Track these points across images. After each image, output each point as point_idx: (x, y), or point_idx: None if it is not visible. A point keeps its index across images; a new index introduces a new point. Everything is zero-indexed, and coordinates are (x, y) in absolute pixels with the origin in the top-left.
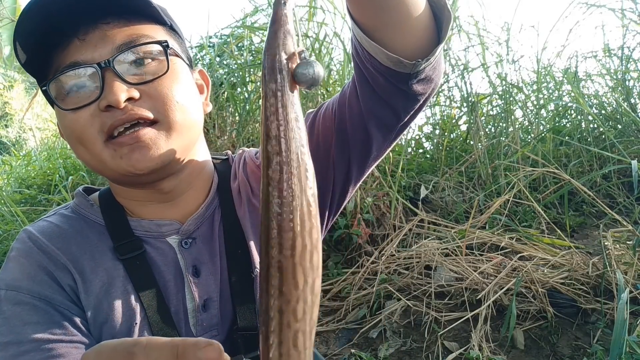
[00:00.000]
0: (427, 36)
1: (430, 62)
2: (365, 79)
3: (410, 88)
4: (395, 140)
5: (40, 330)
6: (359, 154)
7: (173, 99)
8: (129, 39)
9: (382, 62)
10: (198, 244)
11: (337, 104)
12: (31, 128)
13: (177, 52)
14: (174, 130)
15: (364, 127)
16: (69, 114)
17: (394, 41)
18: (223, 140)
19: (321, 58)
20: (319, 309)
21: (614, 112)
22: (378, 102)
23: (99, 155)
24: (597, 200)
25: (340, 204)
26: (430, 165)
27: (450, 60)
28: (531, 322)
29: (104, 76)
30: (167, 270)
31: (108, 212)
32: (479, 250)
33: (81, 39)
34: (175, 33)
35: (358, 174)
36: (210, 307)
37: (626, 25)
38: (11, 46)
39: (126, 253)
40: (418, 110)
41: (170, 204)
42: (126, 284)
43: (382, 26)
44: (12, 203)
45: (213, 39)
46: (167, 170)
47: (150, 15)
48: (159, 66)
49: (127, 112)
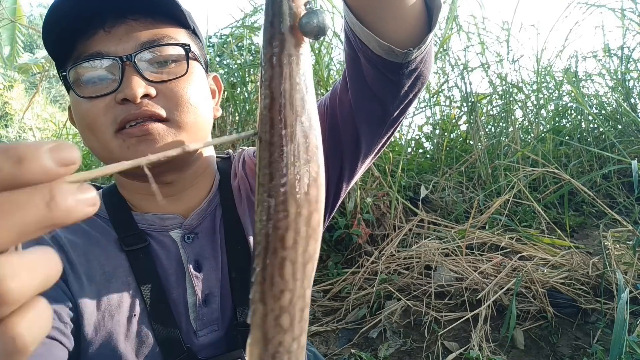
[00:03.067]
0: (418, 23)
1: (421, 51)
2: (357, 70)
3: (400, 79)
4: (386, 137)
5: None
6: (350, 151)
7: (187, 100)
8: (153, 37)
9: (374, 51)
10: (200, 239)
11: (329, 100)
12: (31, 128)
13: (196, 56)
14: (184, 130)
15: (354, 122)
16: (84, 101)
17: (386, 26)
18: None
19: (321, 58)
20: (319, 309)
21: (614, 112)
22: (367, 94)
23: (108, 144)
24: (597, 200)
25: (335, 203)
26: (430, 165)
27: (450, 60)
28: (531, 322)
29: (124, 70)
30: (169, 264)
31: (112, 206)
32: (479, 250)
33: (107, 31)
34: (197, 37)
35: (350, 172)
36: (211, 302)
37: (626, 25)
38: (11, 46)
39: (130, 245)
40: (407, 105)
41: (173, 198)
42: (128, 275)
43: (375, 9)
44: None
45: (213, 39)
46: (171, 166)
47: (176, 18)
48: (179, 68)
49: (142, 107)
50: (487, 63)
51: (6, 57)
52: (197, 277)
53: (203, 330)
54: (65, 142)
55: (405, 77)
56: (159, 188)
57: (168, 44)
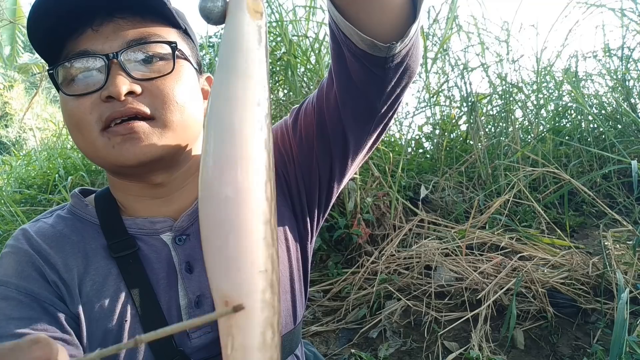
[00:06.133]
0: (402, 14)
1: (405, 45)
2: (341, 65)
3: (386, 73)
4: (375, 134)
5: (22, 326)
6: (339, 149)
7: (173, 99)
8: (140, 35)
9: (358, 45)
10: (192, 240)
11: (316, 98)
12: (31, 128)
13: (185, 55)
14: (169, 128)
15: (340, 118)
16: (71, 100)
17: (368, 19)
18: None
19: (321, 58)
20: (319, 309)
21: (614, 112)
22: (353, 90)
23: (93, 143)
24: (597, 200)
25: (329, 200)
26: (430, 165)
27: (450, 60)
28: (531, 322)
29: (110, 68)
30: (160, 267)
31: (102, 212)
32: (479, 250)
33: (95, 30)
34: (189, 37)
35: (341, 172)
36: (203, 304)
37: (626, 25)
38: (11, 46)
39: (119, 251)
40: (395, 100)
41: (164, 200)
42: (118, 282)
43: (355, 1)
44: (12, 203)
45: (213, 39)
46: (158, 165)
47: (165, 17)
48: (165, 66)
49: (126, 105)
50: (487, 63)
51: (6, 57)
52: (188, 278)
53: (196, 332)
54: (40, 339)
55: (391, 71)
56: (148, 189)
57: (154, 41)
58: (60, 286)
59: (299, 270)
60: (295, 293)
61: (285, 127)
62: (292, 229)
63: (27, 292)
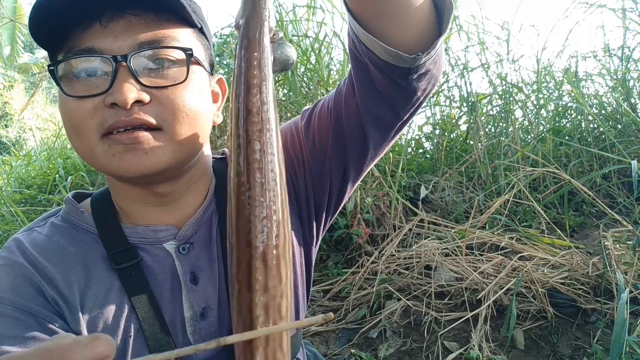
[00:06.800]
0: (427, 27)
1: (430, 56)
2: (363, 74)
3: (410, 84)
4: (394, 139)
5: (17, 344)
6: (356, 154)
7: (183, 110)
8: (153, 37)
9: (381, 57)
10: (196, 249)
11: (333, 101)
12: (31, 128)
13: (199, 60)
14: (176, 141)
15: (361, 125)
16: (71, 100)
17: (392, 33)
18: (223, 140)
19: (321, 58)
20: (319, 309)
21: (614, 112)
22: (376, 99)
23: (93, 149)
24: (597, 200)
25: (338, 204)
26: (430, 165)
27: (450, 60)
28: (531, 322)
29: (117, 71)
30: (164, 278)
31: (100, 219)
32: (479, 250)
33: (103, 25)
34: (204, 36)
35: (355, 174)
36: (208, 316)
37: (626, 25)
38: (11, 46)
39: (121, 262)
40: (417, 107)
41: (167, 207)
42: (121, 295)
43: (379, 15)
44: (12, 203)
45: (213, 38)
46: (160, 177)
47: (182, 15)
48: (178, 73)
49: (132, 115)
50: (487, 63)
51: (6, 57)
52: (193, 290)
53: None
54: (100, 336)
55: (415, 81)
56: (151, 196)
57: (168, 46)
58: (59, 303)
59: (302, 275)
60: (298, 298)
61: (296, 129)
62: (297, 234)
63: (23, 308)
